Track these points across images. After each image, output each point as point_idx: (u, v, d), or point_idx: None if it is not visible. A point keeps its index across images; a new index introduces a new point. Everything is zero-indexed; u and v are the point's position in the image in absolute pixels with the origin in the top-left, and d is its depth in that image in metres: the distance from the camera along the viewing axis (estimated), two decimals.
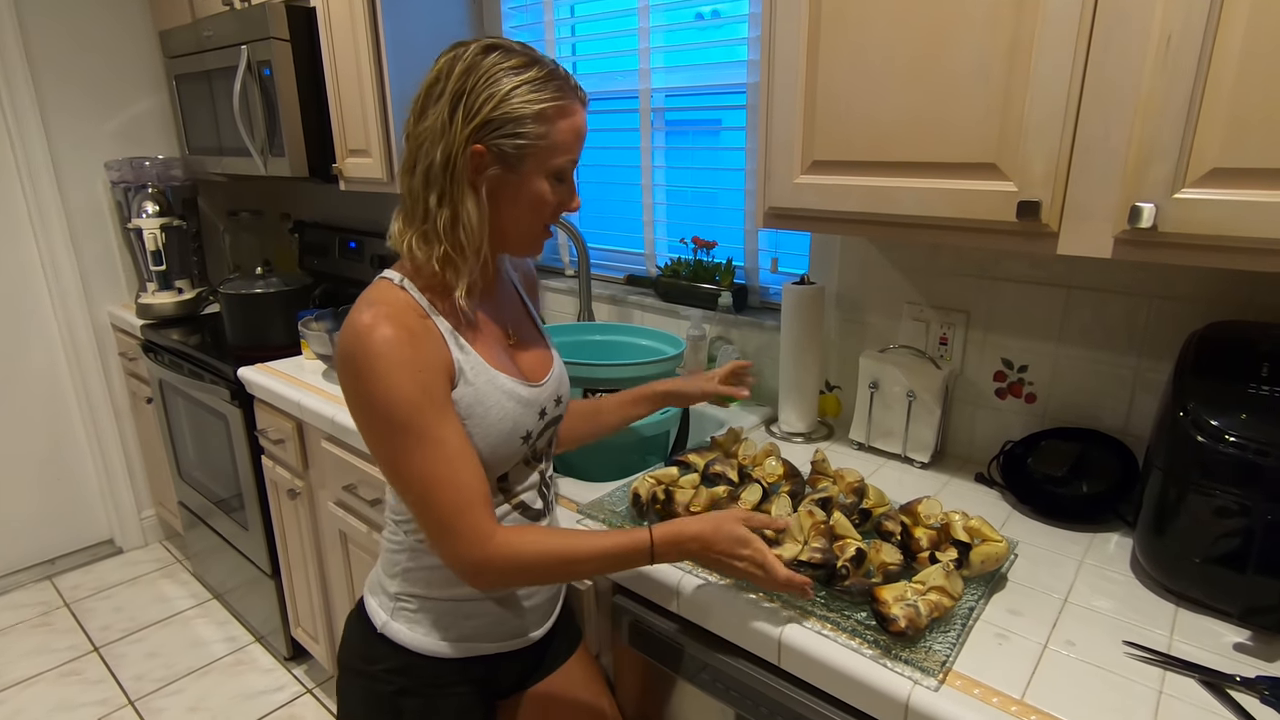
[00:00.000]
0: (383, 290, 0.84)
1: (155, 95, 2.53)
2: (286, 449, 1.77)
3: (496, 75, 0.79)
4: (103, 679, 2.10)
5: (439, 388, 0.80)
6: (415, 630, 0.92)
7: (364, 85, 1.74)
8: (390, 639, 0.93)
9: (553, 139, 0.81)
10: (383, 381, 0.77)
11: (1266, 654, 0.80)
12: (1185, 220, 0.76)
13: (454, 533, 0.79)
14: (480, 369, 0.86)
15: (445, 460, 0.79)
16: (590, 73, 1.80)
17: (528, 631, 0.98)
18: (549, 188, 0.84)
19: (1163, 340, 1.07)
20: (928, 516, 0.96)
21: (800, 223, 1.10)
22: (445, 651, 0.93)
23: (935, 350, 1.30)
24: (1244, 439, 0.81)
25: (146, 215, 2.36)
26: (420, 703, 0.93)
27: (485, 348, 0.88)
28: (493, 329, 0.92)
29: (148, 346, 2.33)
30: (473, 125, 0.79)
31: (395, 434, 0.78)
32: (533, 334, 1.01)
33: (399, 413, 0.77)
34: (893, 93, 0.94)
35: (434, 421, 0.79)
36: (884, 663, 0.78)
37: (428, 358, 0.80)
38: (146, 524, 2.79)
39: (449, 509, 0.79)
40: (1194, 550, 0.86)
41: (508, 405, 0.87)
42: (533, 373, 0.94)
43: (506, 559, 0.80)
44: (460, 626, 0.93)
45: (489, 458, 0.86)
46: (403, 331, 0.78)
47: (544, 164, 0.82)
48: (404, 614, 0.92)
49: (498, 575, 0.81)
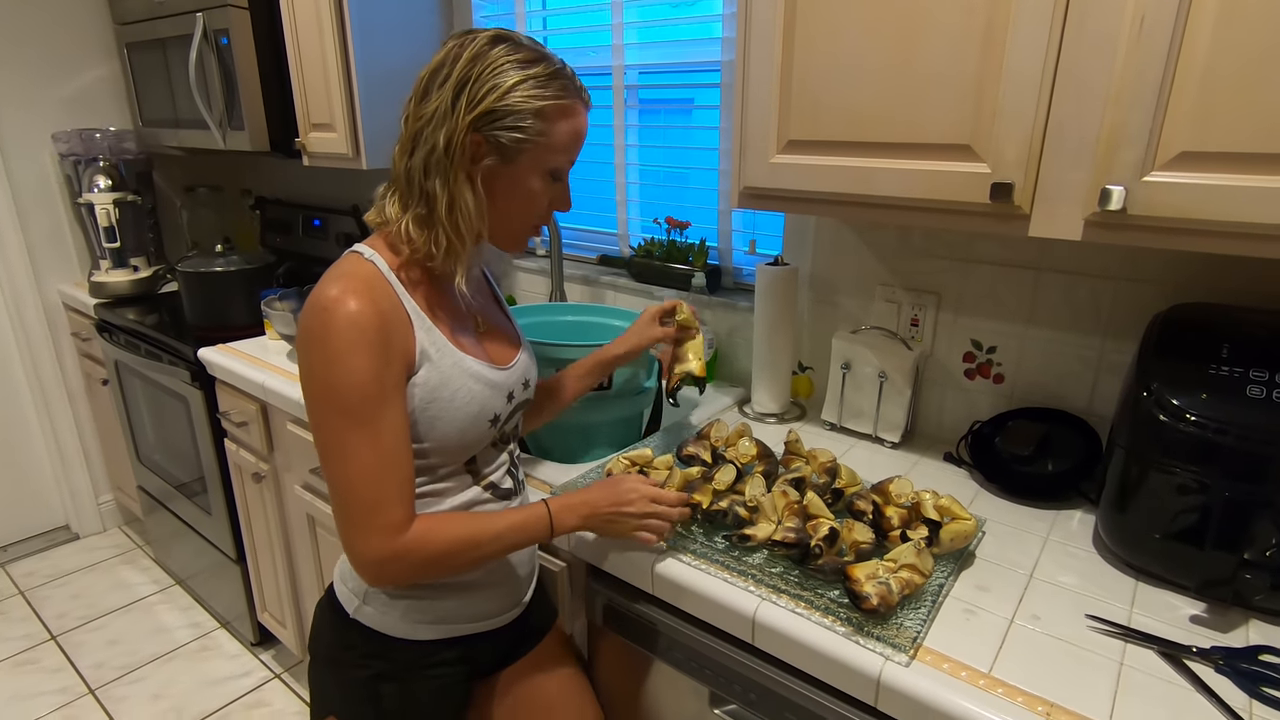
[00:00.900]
0: (353, 264, 0.82)
1: (105, 64, 2.42)
2: (250, 432, 1.73)
3: (503, 67, 0.79)
4: (61, 667, 2.05)
5: (393, 375, 0.79)
6: (389, 614, 0.91)
7: (327, 56, 1.68)
8: (364, 624, 0.91)
9: (552, 138, 0.81)
10: (338, 362, 0.76)
11: (1221, 625, 0.83)
12: (1153, 203, 0.77)
13: (366, 527, 0.78)
14: (446, 351, 0.85)
15: (377, 452, 0.77)
16: (561, 48, 1.77)
17: (503, 611, 0.98)
18: (542, 186, 0.84)
19: (1127, 322, 1.10)
20: (899, 495, 0.98)
21: (776, 203, 1.10)
22: (421, 634, 0.92)
23: (906, 331, 1.31)
24: (1204, 418, 0.83)
25: (98, 190, 2.27)
26: (398, 687, 0.92)
27: (453, 331, 0.88)
28: (463, 314, 0.92)
29: (102, 326, 2.24)
30: (474, 114, 0.78)
31: (337, 416, 0.77)
32: (500, 319, 1.00)
33: (346, 397, 0.76)
34: (869, 71, 0.93)
35: (377, 412, 0.77)
36: (856, 640, 0.79)
37: (389, 342, 0.78)
38: (104, 509, 2.71)
39: (365, 503, 0.77)
40: (1154, 526, 0.88)
41: (475, 388, 0.86)
42: (500, 357, 0.94)
43: (419, 554, 0.79)
44: (435, 609, 0.92)
45: (458, 441, 0.86)
46: (370, 308, 0.77)
47: (540, 162, 0.82)
48: (377, 599, 0.91)
49: (406, 571, 0.81)
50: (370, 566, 0.79)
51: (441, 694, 0.95)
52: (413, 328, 0.82)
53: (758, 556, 0.93)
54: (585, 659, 1.13)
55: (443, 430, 0.84)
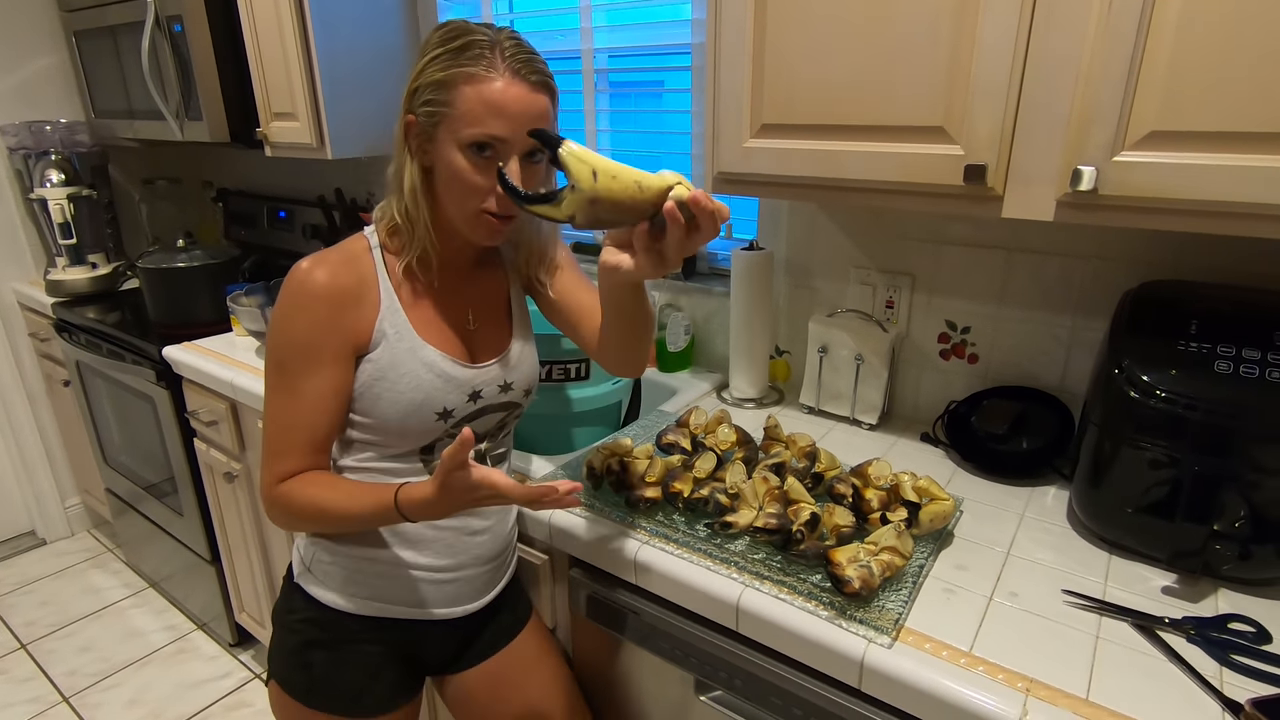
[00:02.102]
0: (349, 241, 0.90)
1: (53, 53, 2.32)
2: (220, 431, 1.69)
3: (428, 47, 0.83)
4: (32, 676, 2.00)
5: (331, 344, 0.84)
6: (328, 583, 0.94)
7: (287, 41, 1.63)
8: (304, 589, 0.95)
9: (457, 107, 0.79)
10: (284, 318, 0.84)
11: (1191, 595, 0.85)
12: (1124, 183, 0.77)
13: (263, 468, 0.86)
14: (406, 335, 0.87)
15: (292, 406, 0.84)
16: (528, 31, 1.73)
17: (445, 605, 0.97)
18: (466, 162, 0.81)
19: (1098, 300, 1.11)
20: (878, 478, 0.98)
21: (750, 188, 1.09)
22: (356, 608, 0.94)
23: (882, 314, 1.32)
24: (1174, 394, 0.85)
25: (51, 184, 2.19)
26: (326, 655, 0.95)
27: (426, 319, 0.90)
28: (453, 308, 0.93)
29: (61, 326, 2.18)
30: (405, 94, 0.84)
31: (271, 366, 0.85)
32: (499, 321, 0.98)
33: (279, 351, 0.84)
34: (842, 53, 0.93)
35: (301, 372, 0.84)
36: (839, 623, 0.79)
37: (336, 313, 0.84)
38: (71, 513, 2.65)
39: (270, 448, 0.85)
40: (1126, 500, 0.90)
41: (423, 376, 0.88)
42: (479, 356, 0.94)
43: (284, 505, 0.85)
44: (371, 585, 0.94)
45: (398, 425, 0.88)
46: (326, 279, 0.83)
47: (452, 133, 0.80)
48: (319, 565, 0.94)
49: (279, 516, 0.87)
50: (262, 501, 0.88)
51: (373, 673, 0.96)
52: (379, 307, 0.86)
53: (740, 543, 0.94)
54: (568, 651, 1.13)
55: (383, 410, 0.87)
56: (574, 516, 1.01)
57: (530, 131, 0.79)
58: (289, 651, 0.96)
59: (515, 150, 0.81)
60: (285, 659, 0.96)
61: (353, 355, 0.86)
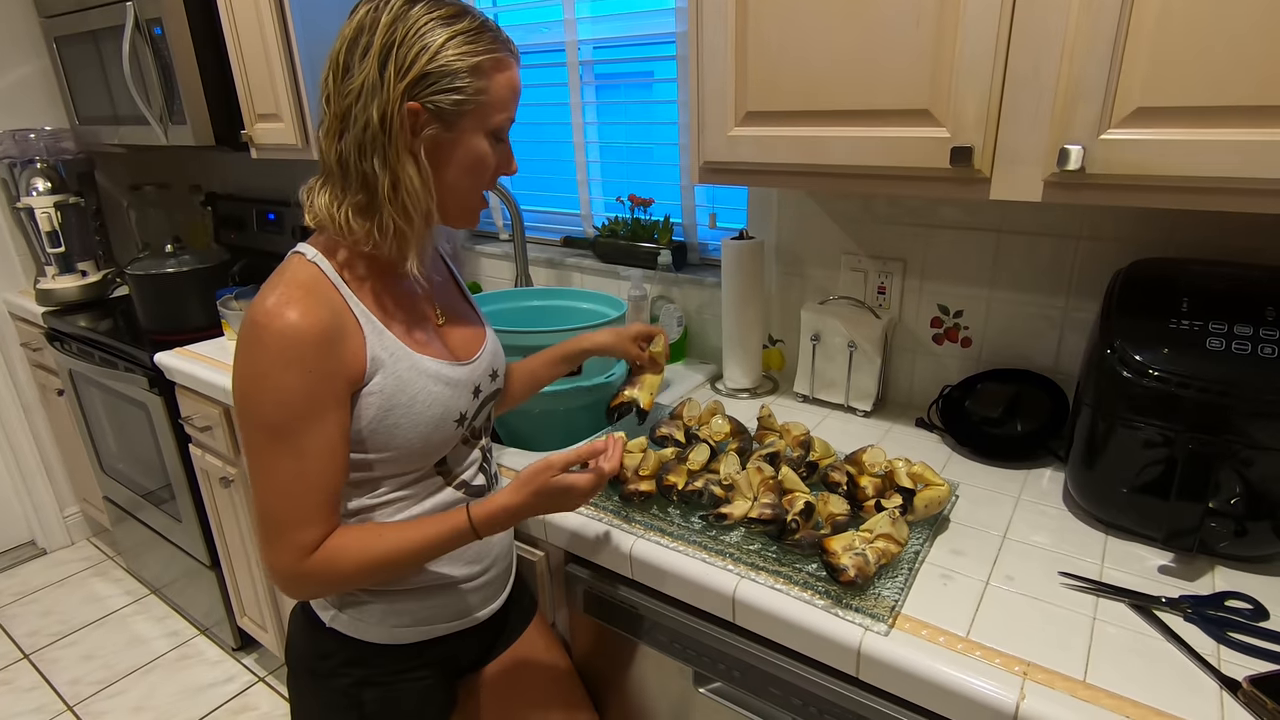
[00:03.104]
0: (295, 267, 0.78)
1: (34, 60, 2.30)
2: (215, 436, 1.69)
3: (427, 26, 0.73)
4: (36, 686, 2.00)
5: (331, 390, 0.75)
6: (366, 621, 0.88)
7: (268, 42, 1.62)
8: (340, 632, 0.89)
9: (491, 94, 0.77)
10: (268, 378, 0.72)
11: (1188, 574, 0.85)
12: (1111, 161, 0.77)
13: (277, 543, 0.75)
14: (401, 355, 0.81)
15: (296, 471, 0.74)
16: (512, 24, 1.72)
17: (482, 608, 0.96)
18: (490, 149, 0.79)
19: (1089, 280, 1.10)
20: (872, 465, 0.98)
21: (736, 177, 1.08)
22: (400, 638, 0.90)
23: (874, 300, 1.31)
24: (1166, 373, 0.84)
25: (37, 193, 2.18)
26: (381, 692, 0.90)
27: (408, 330, 0.83)
28: (419, 309, 0.88)
29: (53, 335, 2.17)
30: (406, 81, 0.73)
31: (260, 431, 0.74)
32: (464, 310, 0.97)
33: (272, 414, 0.73)
34: (825, 37, 0.92)
35: (303, 429, 0.74)
36: (836, 612, 0.79)
37: (330, 354, 0.74)
38: (71, 522, 2.64)
39: (281, 521, 0.75)
40: (1121, 481, 0.90)
41: (435, 390, 0.83)
42: (464, 351, 0.91)
43: (324, 576, 0.77)
44: (413, 612, 0.90)
45: (423, 446, 0.83)
46: (309, 319, 0.73)
47: (483, 122, 0.78)
48: (352, 605, 0.88)
49: (318, 588, 0.79)
50: (280, 581, 0.77)
51: (426, 696, 0.94)
52: (363, 334, 0.78)
53: (735, 535, 0.93)
54: (569, 646, 1.13)
55: (405, 437, 0.81)
56: (568, 513, 1.01)
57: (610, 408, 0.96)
58: (335, 695, 0.89)
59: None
60: (330, 704, 0.90)
61: (350, 394, 0.77)
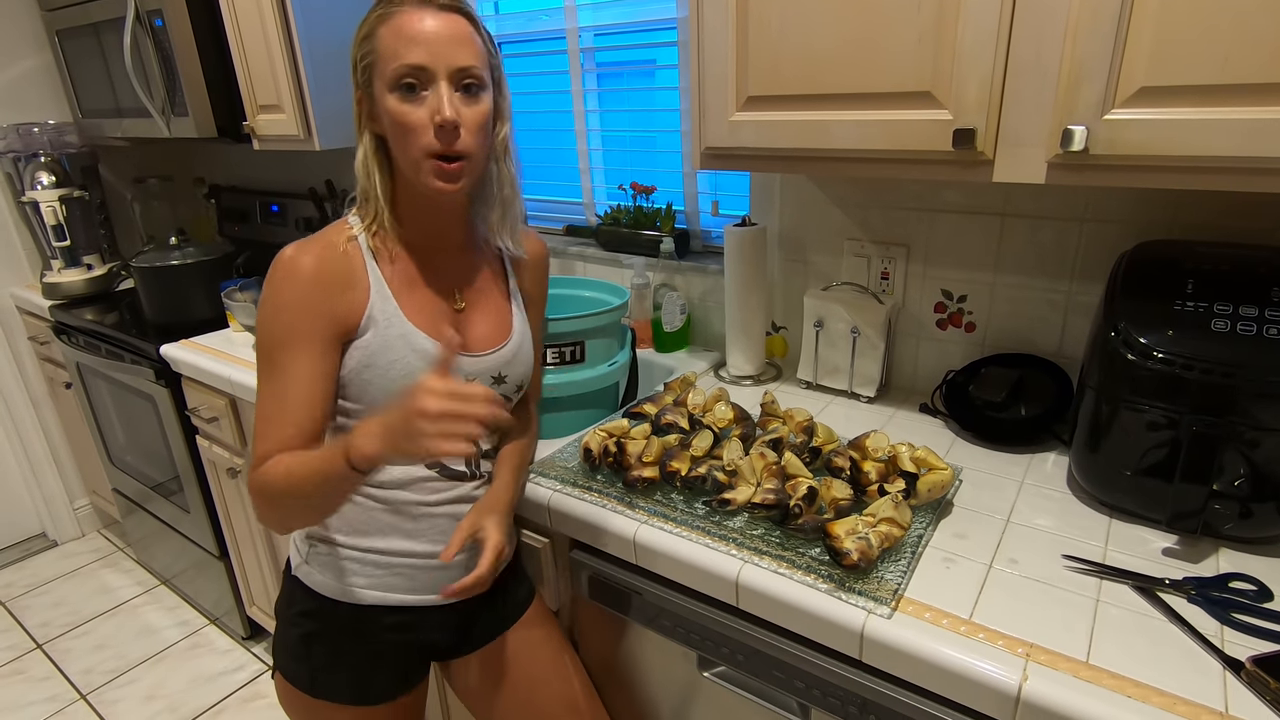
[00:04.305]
0: (333, 227, 0.89)
1: (36, 54, 2.31)
2: (221, 427, 1.70)
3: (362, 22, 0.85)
4: (49, 675, 2.02)
5: (315, 329, 0.83)
6: (326, 574, 0.93)
7: (269, 33, 1.61)
8: (303, 581, 0.94)
9: (381, 49, 0.81)
10: (267, 303, 0.84)
11: (1191, 556, 0.85)
12: (1115, 141, 0.76)
13: (252, 453, 0.84)
14: (395, 321, 0.87)
15: (279, 391, 0.83)
16: (512, 12, 1.71)
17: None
18: (399, 103, 0.81)
19: (1093, 263, 1.10)
20: (875, 450, 0.98)
21: (738, 162, 1.08)
22: (354, 598, 0.93)
23: (877, 285, 1.31)
24: (1171, 354, 0.84)
25: (42, 187, 2.18)
26: (326, 647, 0.95)
27: (415, 303, 0.89)
28: (436, 288, 0.92)
29: (59, 328, 2.18)
30: (353, 74, 0.86)
31: (260, 356, 0.85)
32: (493, 307, 0.98)
33: (263, 338, 0.84)
34: (827, 19, 0.91)
35: (289, 357, 0.82)
36: (839, 596, 0.79)
37: (322, 297, 0.83)
38: (81, 514, 2.67)
39: (255, 434, 0.84)
40: (1125, 463, 0.89)
41: (412, 361, 0.87)
42: (472, 344, 0.93)
43: (259, 488, 0.82)
44: (369, 575, 0.93)
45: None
46: (311, 263, 0.83)
47: (383, 77, 0.82)
48: (318, 558, 0.94)
49: (259, 503, 0.84)
50: (249, 494, 0.85)
51: (375, 662, 0.96)
52: (369, 294, 0.86)
53: (738, 520, 0.93)
54: (573, 633, 1.13)
55: (373, 396, 0.87)
56: (573, 499, 1.01)
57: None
58: (290, 644, 0.96)
59: (441, 76, 0.80)
60: (287, 652, 0.97)
61: (338, 340, 0.85)
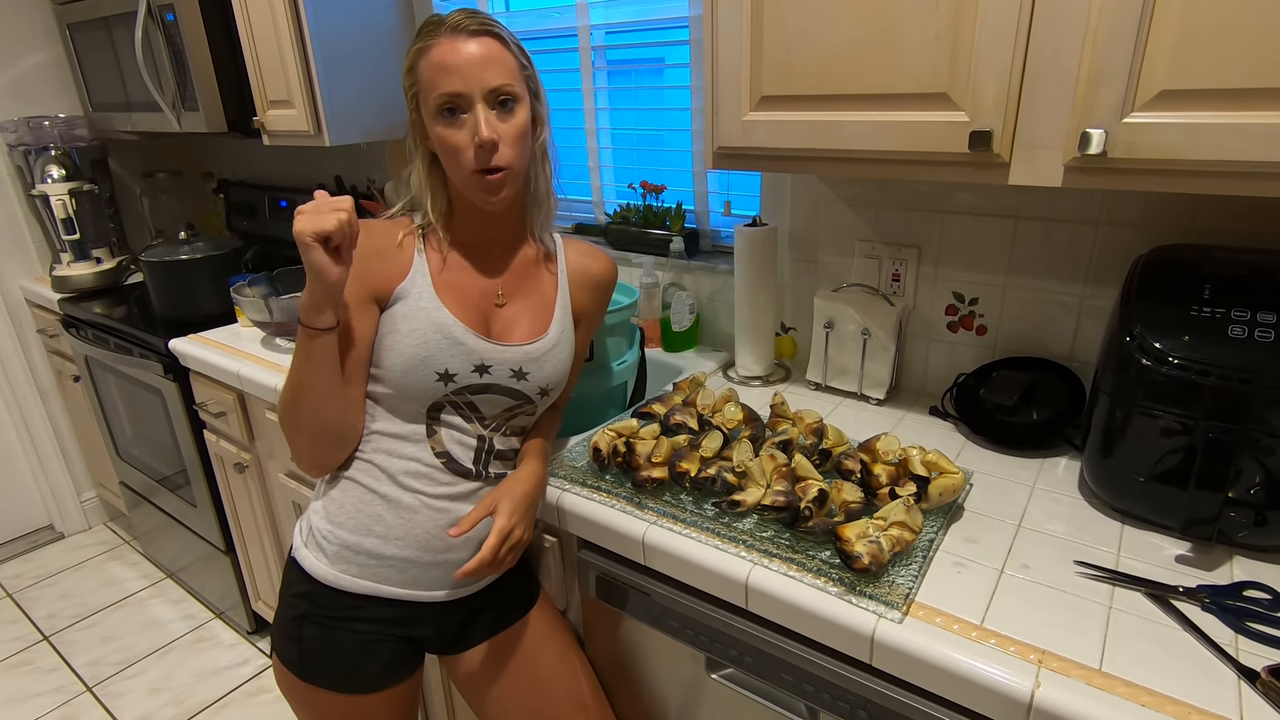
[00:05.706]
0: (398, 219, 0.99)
1: (47, 47, 2.31)
2: (229, 422, 1.70)
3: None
4: (56, 667, 2.03)
5: (355, 291, 0.90)
6: (320, 559, 0.95)
7: (280, 28, 1.61)
8: (299, 564, 0.96)
9: (422, 81, 0.88)
10: None
11: (1206, 564, 0.84)
12: (1134, 145, 0.75)
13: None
14: (427, 299, 0.93)
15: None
16: (524, 9, 1.71)
17: (438, 588, 0.98)
18: (442, 129, 0.88)
19: (1108, 267, 1.09)
20: (886, 453, 0.97)
21: (750, 162, 1.07)
22: (346, 585, 0.94)
23: (888, 287, 1.30)
24: (1187, 360, 0.83)
25: (52, 180, 2.19)
26: (318, 630, 0.95)
27: (451, 288, 0.95)
28: (478, 282, 0.98)
29: (68, 322, 2.19)
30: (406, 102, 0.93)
31: None
32: (537, 306, 1.00)
33: None
34: (842, 19, 0.90)
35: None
36: (849, 599, 0.79)
37: (366, 266, 0.91)
38: (88, 506, 2.68)
39: None
40: (1139, 469, 0.89)
41: (430, 335, 0.91)
42: (503, 333, 0.97)
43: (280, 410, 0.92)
44: (361, 565, 0.94)
45: (400, 379, 0.92)
46: (368, 239, 0.91)
47: (427, 106, 0.88)
48: (315, 542, 0.96)
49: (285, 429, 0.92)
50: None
51: (366, 652, 0.96)
52: (409, 271, 0.94)
53: (748, 521, 0.93)
54: (580, 633, 1.13)
55: (389, 361, 0.92)
56: (581, 499, 1.01)
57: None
58: (285, 625, 0.98)
59: (478, 100, 0.86)
60: (282, 632, 0.98)
61: (372, 303, 0.92)
